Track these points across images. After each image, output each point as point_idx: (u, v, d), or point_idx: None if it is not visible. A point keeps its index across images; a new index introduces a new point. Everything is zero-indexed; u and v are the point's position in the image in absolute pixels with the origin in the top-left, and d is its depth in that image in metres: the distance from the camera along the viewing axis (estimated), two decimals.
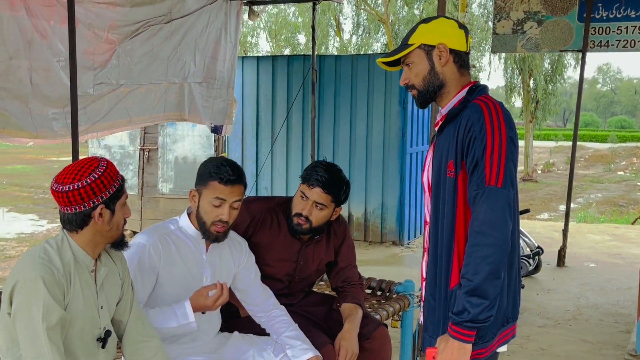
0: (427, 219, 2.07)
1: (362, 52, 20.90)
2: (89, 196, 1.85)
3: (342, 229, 2.85)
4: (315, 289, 3.25)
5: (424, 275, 2.09)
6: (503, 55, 18.94)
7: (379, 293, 3.41)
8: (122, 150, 8.97)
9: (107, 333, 1.99)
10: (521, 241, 5.83)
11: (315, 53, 7.11)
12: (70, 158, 4.10)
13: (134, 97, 5.28)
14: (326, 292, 3.25)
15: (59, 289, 1.81)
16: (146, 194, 8.79)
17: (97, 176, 1.86)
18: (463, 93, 1.98)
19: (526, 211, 5.96)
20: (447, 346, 1.84)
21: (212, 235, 2.29)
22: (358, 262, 2.98)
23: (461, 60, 2.00)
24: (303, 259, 2.72)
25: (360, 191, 8.10)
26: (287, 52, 23.29)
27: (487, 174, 1.79)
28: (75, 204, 1.85)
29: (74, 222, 1.88)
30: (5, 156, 24.96)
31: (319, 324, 2.75)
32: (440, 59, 1.97)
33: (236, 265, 2.47)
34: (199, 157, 8.54)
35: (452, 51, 1.98)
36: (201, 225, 2.29)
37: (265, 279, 2.61)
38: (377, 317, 2.93)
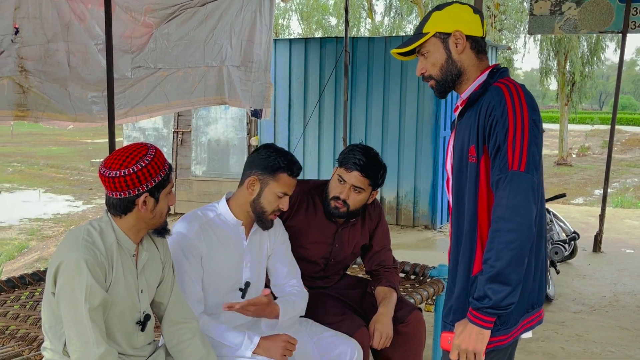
0: (451, 204, 2.04)
1: (394, 34, 20.72)
2: (135, 184, 1.86)
3: (377, 212, 2.84)
4: (348, 272, 3.26)
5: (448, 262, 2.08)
6: (538, 37, 18.57)
7: (412, 277, 3.41)
8: (156, 132, 9.08)
9: (147, 317, 2.02)
10: (557, 226, 5.75)
11: (348, 35, 7.07)
12: (104, 140, 4.18)
13: (172, 81, 5.32)
14: (360, 275, 3.26)
15: (101, 271, 1.84)
16: (180, 176, 8.90)
17: (144, 164, 1.87)
18: (484, 77, 1.94)
19: (562, 195, 5.88)
20: (464, 330, 1.82)
21: (268, 224, 2.33)
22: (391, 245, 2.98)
23: (478, 45, 1.95)
24: (339, 241, 2.73)
25: (392, 175, 8.07)
26: (318, 34, 23.19)
27: (509, 158, 1.75)
28: (121, 190, 1.87)
29: (118, 207, 1.90)
30: (41, 138, 25.47)
31: (353, 307, 2.76)
32: (457, 47, 1.93)
33: (272, 247, 2.49)
34: (232, 140, 8.60)
35: (468, 37, 1.93)
36: (259, 214, 2.30)
37: (301, 261, 2.62)
38: (411, 301, 2.93)
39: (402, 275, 3.43)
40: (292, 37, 21.94)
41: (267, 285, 2.67)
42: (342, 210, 2.60)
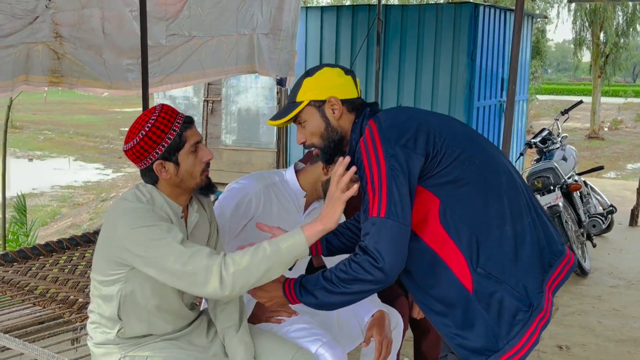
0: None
1: (427, 2, 20.33)
2: (142, 153, 1.81)
3: None
4: None
5: None
6: (573, 6, 18.09)
7: None
8: (186, 101, 9.07)
9: None
10: (594, 199, 5.64)
11: (381, 2, 6.93)
12: (133, 109, 4.19)
13: (206, 49, 5.28)
14: None
15: (168, 221, 1.81)
16: (210, 145, 8.91)
17: (145, 132, 1.80)
18: (350, 138, 1.84)
19: (599, 168, 5.76)
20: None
21: None
22: None
23: (355, 106, 1.85)
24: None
25: None
26: (347, 2, 22.86)
27: (370, 207, 1.65)
28: (137, 162, 1.84)
29: (146, 178, 1.87)
30: (71, 106, 25.75)
31: None
32: (334, 113, 1.82)
33: None
34: (262, 108, 8.56)
35: (344, 102, 1.83)
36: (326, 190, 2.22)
37: None
38: None
39: None
40: (322, 4, 21.67)
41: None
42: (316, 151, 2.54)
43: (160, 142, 1.80)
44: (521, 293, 1.72)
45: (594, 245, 5.41)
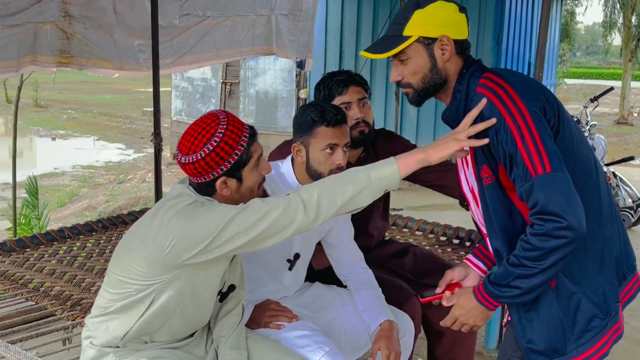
0: (484, 231, 1.77)
1: None
2: (205, 170, 1.67)
3: (403, 149, 2.54)
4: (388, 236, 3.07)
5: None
6: None
7: (467, 244, 3.21)
8: (204, 83, 8.97)
9: (231, 288, 1.89)
10: (623, 191, 5.41)
11: None
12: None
13: (220, 29, 5.15)
14: (409, 241, 3.08)
15: None
16: (257, 140, 8.84)
17: (212, 147, 1.65)
18: (457, 84, 1.69)
19: (630, 158, 5.52)
20: (470, 308, 1.70)
21: None
22: (442, 206, 2.78)
23: (464, 49, 1.70)
24: None
25: (446, 130, 7.76)
26: None
27: (529, 165, 1.51)
28: (195, 176, 1.69)
29: (202, 191, 1.73)
30: (96, 86, 25.89)
31: (404, 275, 2.57)
32: (443, 54, 1.66)
33: (331, 221, 2.22)
34: (280, 91, 8.42)
35: (455, 42, 1.67)
36: (316, 178, 2.02)
37: None
38: None
39: (456, 242, 3.24)
40: None
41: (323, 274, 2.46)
42: (367, 130, 2.38)
43: (227, 158, 1.66)
44: (600, 299, 1.64)
45: None
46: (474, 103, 1.61)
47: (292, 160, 2.14)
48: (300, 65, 6.23)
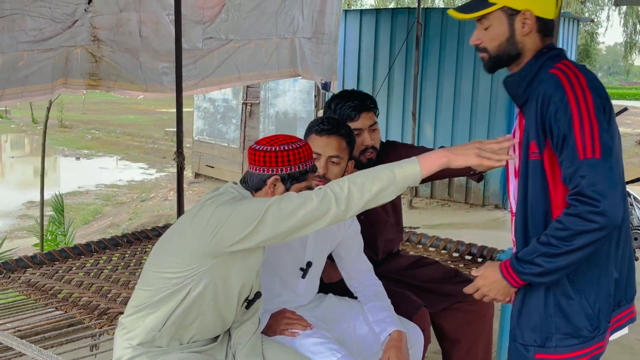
0: (513, 209, 1.84)
1: None
2: (271, 162, 1.86)
3: (399, 150, 2.62)
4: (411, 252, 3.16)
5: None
6: (623, 9, 17.59)
7: (479, 260, 3.28)
8: (225, 103, 9.16)
9: (257, 295, 2.01)
10: (637, 210, 5.42)
11: (421, 6, 6.85)
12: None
13: (243, 52, 5.30)
14: (419, 254, 3.15)
15: None
16: (247, 147, 8.98)
17: (287, 148, 1.87)
18: (533, 61, 1.74)
19: None
20: (494, 281, 1.75)
21: None
22: (458, 225, 2.86)
23: (547, 29, 1.74)
24: None
25: None
26: (391, 5, 22.76)
27: (579, 148, 1.56)
28: (257, 164, 1.89)
29: (251, 182, 1.90)
30: (119, 107, 26.33)
31: (413, 286, 2.65)
32: (523, 27, 1.72)
33: (341, 233, 2.36)
34: (299, 112, 8.57)
35: (538, 19, 1.72)
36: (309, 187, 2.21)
37: None
38: None
39: (468, 257, 3.32)
40: (363, 7, 21.64)
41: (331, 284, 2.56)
42: (373, 155, 2.50)
43: (292, 164, 1.88)
44: (594, 313, 1.69)
45: (636, 259, 5.20)
46: (542, 83, 1.67)
47: None
48: (325, 86, 6.36)
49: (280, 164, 1.87)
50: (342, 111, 2.46)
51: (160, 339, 1.90)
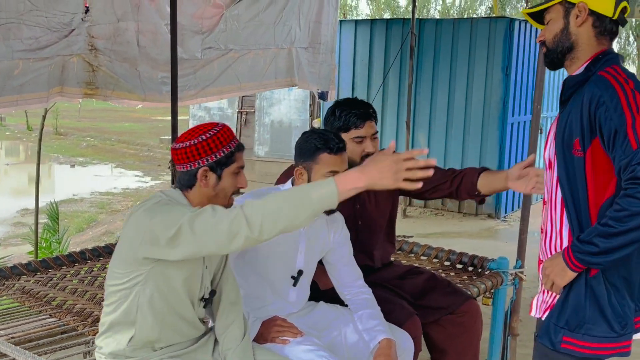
0: (545, 198, 1.96)
1: (465, 16, 20.20)
2: (194, 156, 1.87)
3: None
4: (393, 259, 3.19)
5: (542, 258, 1.99)
6: None
7: (470, 269, 3.32)
8: (221, 112, 9.20)
9: (212, 293, 2.03)
10: None
11: (415, 16, 6.92)
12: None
13: (243, 62, 5.31)
14: (412, 264, 3.19)
15: None
16: (243, 155, 9.01)
17: (205, 137, 1.87)
18: (589, 62, 1.84)
19: None
20: (555, 260, 1.83)
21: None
22: (451, 234, 2.89)
23: (602, 25, 1.85)
24: (359, 202, 2.65)
25: (456, 161, 7.89)
26: (387, 15, 22.88)
27: (632, 139, 1.65)
28: (183, 162, 1.89)
29: (183, 181, 1.92)
30: (115, 114, 26.30)
31: (405, 297, 2.67)
32: (576, 19, 1.84)
33: (331, 241, 2.40)
34: (295, 121, 8.62)
35: (592, 12, 1.83)
36: None
37: None
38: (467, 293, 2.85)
39: (459, 266, 3.35)
40: (359, 18, 21.77)
41: (314, 283, 2.60)
42: None
43: (215, 151, 1.88)
44: (624, 311, 1.80)
45: None
46: (591, 84, 1.77)
47: (292, 182, 2.31)
48: (322, 96, 6.40)
49: (204, 154, 1.87)
50: (347, 118, 2.51)
51: (133, 351, 1.93)
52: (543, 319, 1.95)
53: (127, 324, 1.91)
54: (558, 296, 1.89)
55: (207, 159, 1.87)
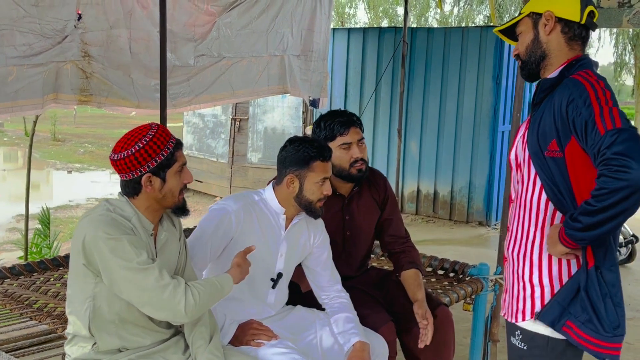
0: (512, 197, 2.02)
1: (463, 25, 20.28)
2: (134, 165, 1.88)
3: (383, 183, 2.81)
4: (375, 265, 3.23)
5: (506, 255, 2.05)
6: (614, 30, 17.81)
7: (451, 275, 3.36)
8: (214, 119, 9.25)
9: None
10: None
11: (408, 25, 6.98)
12: (171, 124, 4.21)
13: (236, 70, 5.32)
14: (386, 268, 3.22)
15: (134, 235, 1.88)
16: (236, 162, 9.04)
17: (141, 145, 1.88)
18: (562, 67, 1.89)
19: None
20: (553, 228, 1.87)
21: (318, 212, 2.33)
22: (442, 241, 2.93)
23: (572, 31, 1.90)
24: (348, 213, 2.71)
25: (447, 169, 7.95)
26: (384, 23, 22.96)
27: (600, 126, 1.70)
28: (125, 172, 1.90)
29: (128, 189, 1.93)
30: (112, 120, 26.31)
31: (380, 302, 2.71)
32: (545, 27, 1.90)
33: (311, 245, 2.46)
34: (288, 128, 8.67)
35: (559, 20, 1.89)
36: (307, 206, 2.31)
37: None
38: (447, 299, 2.89)
39: (440, 272, 3.39)
40: (357, 26, 21.83)
41: (297, 285, 2.64)
42: (364, 167, 2.61)
43: (155, 156, 1.89)
44: (617, 312, 1.85)
45: None
46: (563, 85, 1.83)
47: (274, 187, 2.36)
48: (314, 103, 6.43)
49: (144, 161, 1.88)
50: (332, 127, 2.58)
51: (97, 353, 1.96)
52: (517, 323, 1.97)
53: (85, 338, 1.94)
54: (557, 289, 1.90)
55: (148, 165, 1.89)
